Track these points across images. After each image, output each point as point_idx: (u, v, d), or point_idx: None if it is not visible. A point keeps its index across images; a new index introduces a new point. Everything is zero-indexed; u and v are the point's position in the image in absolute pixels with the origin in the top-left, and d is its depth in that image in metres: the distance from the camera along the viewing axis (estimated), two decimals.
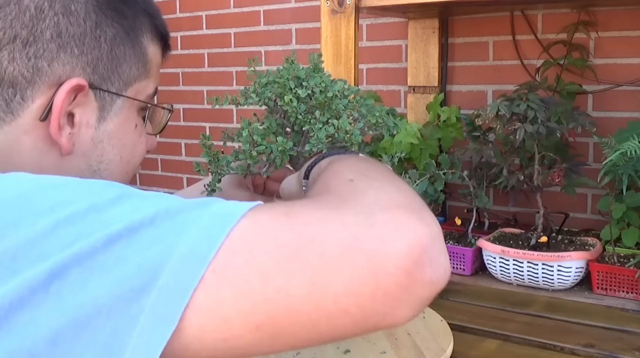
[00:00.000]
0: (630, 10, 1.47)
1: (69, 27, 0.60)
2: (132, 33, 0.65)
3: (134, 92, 0.67)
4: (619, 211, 1.31)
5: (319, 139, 0.83)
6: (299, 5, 1.99)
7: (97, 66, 0.62)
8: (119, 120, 0.66)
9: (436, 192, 1.48)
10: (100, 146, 0.64)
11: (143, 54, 0.67)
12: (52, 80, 0.60)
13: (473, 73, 1.68)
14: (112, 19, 0.63)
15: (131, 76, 0.66)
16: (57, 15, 0.60)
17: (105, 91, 0.63)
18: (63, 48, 0.60)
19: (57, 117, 0.60)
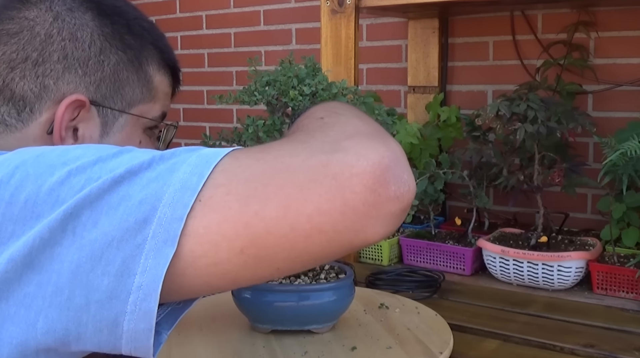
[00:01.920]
0: (630, 10, 1.47)
1: (74, 52, 0.68)
2: (136, 61, 0.72)
3: (137, 111, 0.73)
4: (619, 211, 1.31)
5: None
6: (299, 5, 1.99)
7: (99, 86, 0.69)
8: (122, 136, 0.71)
9: (436, 192, 1.48)
10: None
11: (148, 80, 0.74)
12: (57, 96, 0.67)
13: (473, 73, 1.68)
14: (116, 47, 0.71)
15: (134, 98, 0.72)
16: (64, 41, 0.68)
17: (107, 107, 0.70)
18: (68, 69, 0.68)
19: (58, 129, 0.67)
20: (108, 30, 0.70)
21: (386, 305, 1.09)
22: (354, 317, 1.04)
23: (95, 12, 0.70)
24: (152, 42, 0.74)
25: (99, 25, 0.70)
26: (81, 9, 0.70)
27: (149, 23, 0.76)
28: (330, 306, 0.96)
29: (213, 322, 1.03)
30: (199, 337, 0.98)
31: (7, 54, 0.67)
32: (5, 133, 0.68)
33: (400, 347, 0.92)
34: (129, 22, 0.73)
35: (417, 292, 1.25)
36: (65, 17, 0.69)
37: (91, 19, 0.70)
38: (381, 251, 1.47)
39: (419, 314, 1.06)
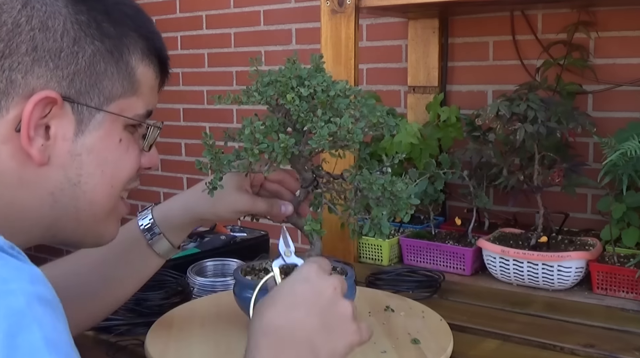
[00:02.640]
0: (630, 10, 1.47)
1: (45, 42, 0.62)
2: (115, 51, 0.66)
3: (117, 108, 0.67)
4: (619, 211, 1.31)
5: (322, 137, 0.83)
6: (299, 5, 1.99)
7: (73, 80, 0.63)
8: (99, 134, 0.66)
9: (436, 192, 1.48)
10: (78, 159, 0.65)
11: (129, 73, 0.68)
12: (25, 92, 0.61)
13: (473, 73, 1.68)
14: (92, 36, 0.64)
15: (114, 92, 0.67)
16: (34, 31, 0.62)
17: (82, 104, 0.64)
18: (38, 62, 0.62)
19: (25, 128, 0.61)
20: (83, 17, 0.64)
21: (392, 308, 1.08)
22: None
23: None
24: (135, 29, 0.69)
25: (72, 13, 0.64)
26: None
27: (132, 8, 0.70)
28: None
29: (217, 319, 1.03)
30: (199, 332, 0.98)
31: None
32: None
33: (394, 352, 0.91)
34: (107, 7, 0.66)
35: (417, 292, 1.25)
36: (35, 3, 0.62)
37: (64, 6, 0.63)
38: (381, 251, 1.47)
39: (423, 318, 1.04)
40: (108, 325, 1.06)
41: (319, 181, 0.95)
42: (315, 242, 0.97)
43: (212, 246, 1.42)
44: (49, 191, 0.65)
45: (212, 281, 1.24)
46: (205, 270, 1.33)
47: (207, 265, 1.33)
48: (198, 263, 1.31)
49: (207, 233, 1.50)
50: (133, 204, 2.57)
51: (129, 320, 1.08)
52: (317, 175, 0.95)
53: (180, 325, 1.01)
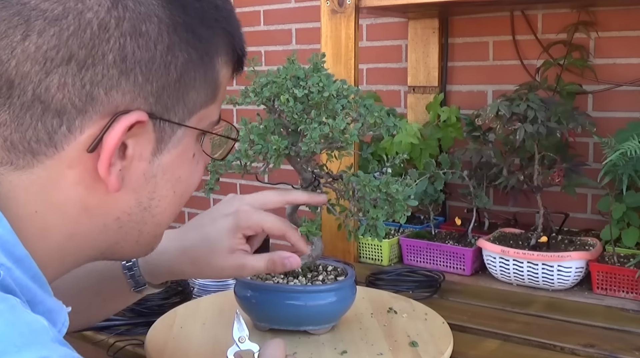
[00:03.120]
0: (630, 10, 1.47)
1: (136, 51, 0.51)
2: (206, 57, 0.56)
3: (197, 119, 0.58)
4: (619, 211, 1.31)
5: (312, 139, 0.83)
6: (299, 5, 1.99)
7: (161, 95, 0.53)
8: (177, 152, 0.57)
9: (436, 192, 1.48)
10: (152, 181, 0.56)
11: (214, 79, 0.58)
12: (107, 109, 0.51)
13: (473, 73, 1.68)
14: (186, 42, 0.54)
15: (197, 104, 0.57)
16: (124, 37, 0.50)
17: (166, 120, 0.54)
18: (126, 75, 0.51)
19: (108, 156, 0.51)
20: (179, 19, 0.53)
21: (395, 310, 1.07)
22: (358, 319, 1.03)
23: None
24: (224, 25, 0.58)
25: (169, 14, 0.52)
26: None
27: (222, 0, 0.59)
28: (329, 308, 0.96)
29: (217, 319, 1.03)
30: (199, 332, 0.98)
31: (41, 49, 0.48)
32: (26, 168, 0.51)
33: (391, 354, 0.91)
34: (203, 5, 0.55)
35: (417, 292, 1.25)
36: (127, 2, 0.50)
37: (160, 5, 0.52)
38: (381, 251, 1.47)
39: (425, 320, 1.04)
40: (108, 325, 1.06)
41: (319, 181, 0.95)
42: (316, 242, 0.97)
43: None
44: (115, 216, 0.56)
45: (212, 281, 1.24)
46: None
47: None
48: None
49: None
50: None
51: (129, 320, 1.08)
52: (316, 175, 0.95)
53: (180, 325, 1.01)
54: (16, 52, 0.48)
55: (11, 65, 0.48)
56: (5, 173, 0.51)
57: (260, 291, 0.95)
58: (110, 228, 0.57)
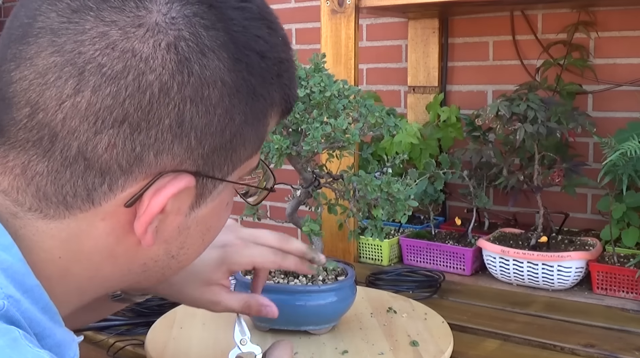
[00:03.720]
0: (630, 10, 1.47)
1: (195, 117, 0.47)
2: (261, 115, 0.52)
3: (239, 172, 0.54)
4: (619, 211, 1.31)
5: (315, 138, 0.83)
6: (299, 5, 1.99)
7: (211, 156, 0.49)
8: (214, 204, 0.54)
9: (436, 192, 1.48)
10: (185, 232, 0.54)
11: (263, 132, 0.54)
12: (153, 171, 0.48)
13: (473, 73, 1.68)
14: (245, 103, 0.49)
15: (243, 158, 0.53)
16: (185, 102, 0.46)
17: (210, 177, 0.51)
18: (179, 139, 0.47)
19: (147, 220, 0.49)
20: (242, 81, 0.48)
21: (394, 310, 1.08)
22: (358, 319, 1.04)
23: (231, 54, 0.47)
24: (282, 79, 0.53)
25: (234, 78, 0.48)
26: (214, 48, 0.46)
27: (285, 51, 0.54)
28: (329, 308, 0.96)
29: (217, 319, 1.03)
30: (200, 332, 0.98)
31: (94, 107, 0.44)
32: (56, 218, 0.48)
33: (392, 354, 0.91)
34: (267, 63, 0.51)
35: (417, 292, 1.25)
36: (194, 64, 0.46)
37: (224, 68, 0.47)
38: (381, 251, 1.47)
39: (425, 320, 1.04)
40: (108, 325, 1.06)
41: (319, 181, 0.95)
42: (316, 242, 0.98)
43: None
44: (141, 263, 0.54)
45: None
46: None
47: None
48: None
49: None
50: None
51: (129, 320, 1.08)
52: (317, 175, 0.95)
53: (180, 325, 1.01)
54: (65, 105, 0.44)
55: (58, 118, 0.45)
56: (33, 219, 0.48)
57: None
58: (134, 272, 0.55)
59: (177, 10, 0.46)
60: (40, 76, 0.44)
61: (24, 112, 0.45)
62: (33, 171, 0.46)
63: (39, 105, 0.45)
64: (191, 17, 0.46)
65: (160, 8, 0.45)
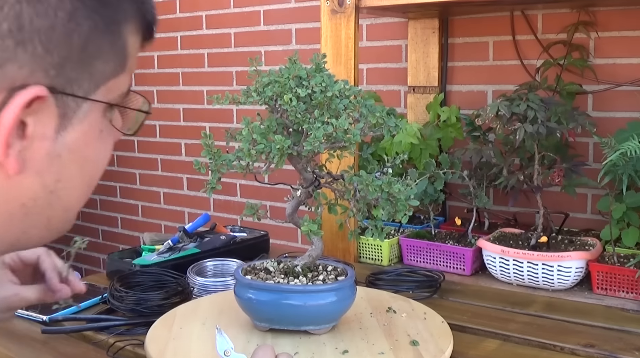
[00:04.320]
0: (630, 10, 1.47)
1: (34, 19, 0.46)
2: (113, 25, 0.51)
3: (104, 92, 0.53)
4: (619, 211, 1.31)
5: (317, 138, 0.83)
6: (299, 5, 1.99)
7: (63, 66, 0.48)
8: (83, 128, 0.52)
9: (436, 192, 1.48)
10: (57, 161, 0.51)
11: (122, 47, 0.53)
12: (2, 84, 0.46)
13: (473, 73, 1.68)
14: (91, 8, 0.49)
15: (104, 75, 0.52)
16: (21, 3, 0.45)
17: (69, 94, 0.49)
18: (23, 46, 0.46)
19: (4, 136, 0.46)
20: None
21: (394, 309, 1.08)
22: (358, 319, 1.04)
23: None
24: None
25: None
26: None
27: None
28: (329, 308, 0.96)
29: (217, 319, 1.03)
30: (199, 332, 0.98)
31: None
32: None
33: (392, 353, 0.91)
34: None
35: (417, 292, 1.25)
36: None
37: None
38: (381, 251, 1.47)
39: (425, 320, 1.04)
40: (108, 325, 1.06)
41: (319, 181, 0.95)
42: (316, 242, 0.97)
43: (212, 246, 1.42)
44: (20, 202, 0.51)
45: (212, 281, 1.24)
46: (205, 270, 1.33)
47: (207, 265, 1.33)
48: (198, 263, 1.32)
49: (207, 233, 1.50)
50: (133, 204, 2.57)
51: (129, 320, 1.08)
52: (317, 175, 0.95)
53: (180, 325, 1.01)
54: None
55: None
56: None
57: (260, 291, 0.95)
58: (16, 217, 0.52)
59: None
60: None
61: None
62: None
63: None
64: None
65: None
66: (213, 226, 1.55)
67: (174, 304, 1.10)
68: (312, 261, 0.99)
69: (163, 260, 1.34)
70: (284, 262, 1.02)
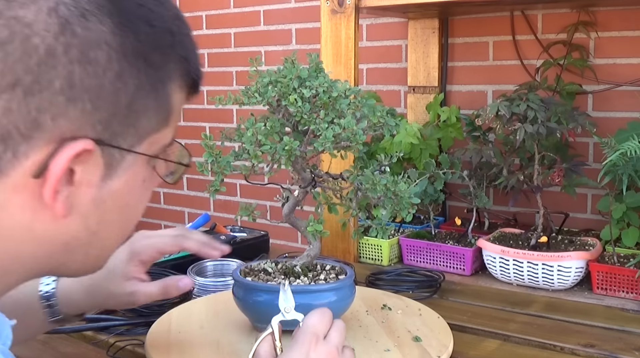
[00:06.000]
0: (630, 10, 1.47)
1: (84, 79, 0.50)
2: (159, 84, 0.55)
3: (148, 144, 0.57)
4: (619, 211, 1.31)
5: (327, 139, 0.83)
6: (299, 5, 1.99)
7: (110, 122, 0.52)
8: (127, 177, 0.56)
9: (436, 192, 1.48)
10: (101, 206, 0.55)
11: (166, 104, 0.57)
12: (53, 136, 0.50)
13: (473, 73, 1.68)
14: (137, 68, 0.53)
15: (149, 129, 0.56)
16: (72, 64, 0.49)
17: (115, 147, 0.53)
18: (73, 102, 0.50)
19: (54, 184, 0.50)
20: (130, 46, 0.52)
21: (389, 307, 1.08)
22: (355, 317, 1.04)
23: (115, 20, 0.51)
24: (179, 50, 0.57)
25: (119, 41, 0.51)
26: (97, 14, 0.50)
27: (177, 25, 0.57)
28: (330, 307, 0.95)
29: (217, 319, 1.03)
30: (199, 332, 0.98)
31: None
32: None
33: (398, 350, 0.91)
34: (156, 31, 0.54)
35: (417, 292, 1.25)
36: (76, 26, 0.49)
37: (110, 31, 0.50)
38: (381, 251, 1.47)
39: (421, 316, 1.05)
40: (108, 325, 1.06)
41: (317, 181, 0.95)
42: (314, 243, 0.97)
43: None
44: (63, 241, 0.55)
45: (212, 281, 1.24)
46: (205, 270, 1.33)
47: (207, 265, 1.33)
48: (198, 263, 1.31)
49: (207, 233, 1.50)
50: None
51: (129, 320, 1.08)
52: (315, 175, 0.95)
53: (180, 325, 1.01)
54: None
55: None
56: None
57: (260, 291, 0.95)
58: (57, 252, 0.56)
59: None
60: None
61: None
62: None
63: None
64: None
65: None
66: (213, 226, 1.55)
67: (174, 304, 1.10)
68: (310, 261, 0.99)
69: (163, 260, 1.34)
70: (281, 263, 1.02)
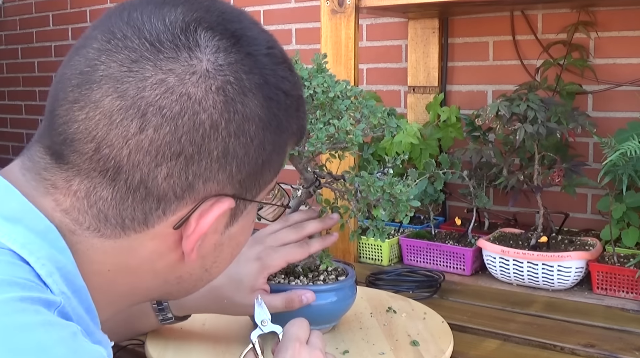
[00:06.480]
0: (630, 10, 1.47)
1: (236, 149, 0.54)
2: (284, 144, 0.60)
3: (265, 193, 0.62)
4: (619, 211, 1.31)
5: (319, 139, 0.83)
6: (299, 5, 1.99)
7: (246, 180, 0.57)
8: (244, 223, 0.62)
9: (436, 192, 1.48)
10: (219, 248, 0.61)
11: (283, 158, 0.62)
12: (200, 196, 0.55)
13: (473, 73, 1.68)
14: (273, 133, 0.57)
15: (268, 180, 0.61)
16: (230, 136, 0.54)
17: (243, 199, 0.59)
18: (223, 168, 0.54)
19: (196, 239, 0.56)
20: (273, 117, 0.56)
21: (394, 309, 1.08)
22: (358, 319, 1.04)
23: (265, 94, 0.55)
24: (298, 111, 0.61)
25: (266, 113, 0.56)
26: (252, 89, 0.55)
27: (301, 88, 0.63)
28: (329, 308, 0.96)
29: (217, 319, 1.03)
30: (199, 332, 0.98)
31: (155, 143, 0.51)
32: (111, 237, 0.54)
33: (393, 354, 0.91)
34: (291, 100, 0.59)
35: (417, 292, 1.25)
36: (237, 103, 0.53)
37: (260, 106, 0.55)
38: (381, 251, 1.47)
39: (425, 320, 1.04)
40: None
41: (320, 181, 0.95)
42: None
43: None
44: (178, 275, 0.60)
45: None
46: None
47: None
48: None
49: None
50: None
51: None
52: (318, 176, 0.95)
53: (180, 325, 1.01)
54: (130, 142, 0.51)
55: (123, 153, 0.51)
56: (90, 237, 0.54)
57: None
58: (170, 283, 0.61)
59: (223, 58, 0.53)
60: (106, 117, 0.51)
61: (89, 147, 0.51)
62: (97, 196, 0.53)
63: (105, 142, 0.51)
64: (234, 64, 0.54)
65: (209, 57, 0.53)
66: None
67: None
68: (312, 261, 0.99)
69: None
70: None
